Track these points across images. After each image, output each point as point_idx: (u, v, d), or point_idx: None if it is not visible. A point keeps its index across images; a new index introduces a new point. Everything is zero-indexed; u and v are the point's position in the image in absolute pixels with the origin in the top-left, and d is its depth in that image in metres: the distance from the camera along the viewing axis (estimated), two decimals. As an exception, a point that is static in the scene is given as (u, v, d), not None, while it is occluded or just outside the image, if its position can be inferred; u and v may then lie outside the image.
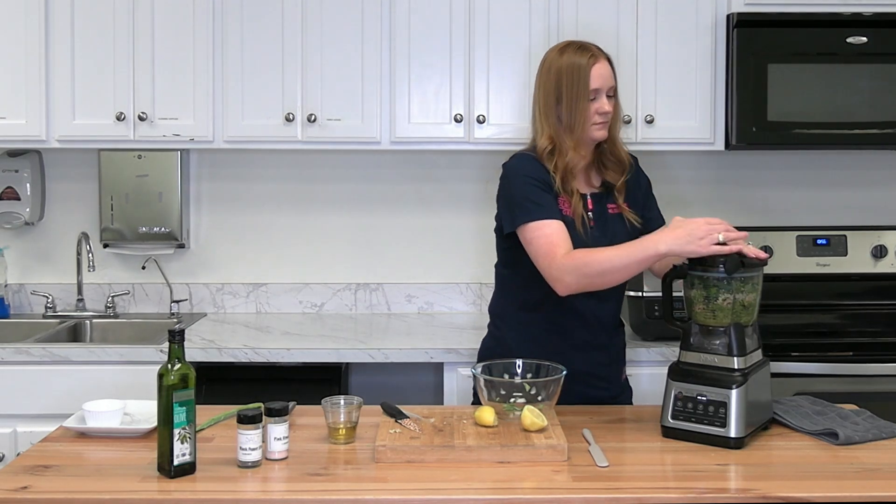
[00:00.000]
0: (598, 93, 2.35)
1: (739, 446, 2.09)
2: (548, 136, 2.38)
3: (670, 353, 2.95)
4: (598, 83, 2.35)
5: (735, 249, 2.12)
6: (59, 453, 2.07)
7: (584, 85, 2.34)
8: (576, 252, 2.25)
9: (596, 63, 2.35)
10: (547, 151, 2.37)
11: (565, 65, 2.36)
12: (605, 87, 2.36)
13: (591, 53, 2.36)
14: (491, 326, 2.58)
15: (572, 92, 2.34)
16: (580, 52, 2.37)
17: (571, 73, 2.35)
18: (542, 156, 2.37)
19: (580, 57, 2.35)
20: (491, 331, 2.57)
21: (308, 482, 1.90)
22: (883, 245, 3.49)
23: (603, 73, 2.36)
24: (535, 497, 1.87)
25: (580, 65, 2.34)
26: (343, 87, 3.29)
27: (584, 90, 2.34)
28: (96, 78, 3.28)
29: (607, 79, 2.37)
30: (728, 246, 2.11)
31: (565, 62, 2.36)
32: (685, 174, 3.64)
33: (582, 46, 2.39)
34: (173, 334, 1.95)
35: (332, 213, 3.66)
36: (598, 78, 2.35)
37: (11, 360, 3.00)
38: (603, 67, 2.37)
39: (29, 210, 3.54)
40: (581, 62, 2.34)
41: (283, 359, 3.03)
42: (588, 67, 2.34)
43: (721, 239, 2.11)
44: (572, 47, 2.39)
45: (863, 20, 3.22)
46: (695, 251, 2.12)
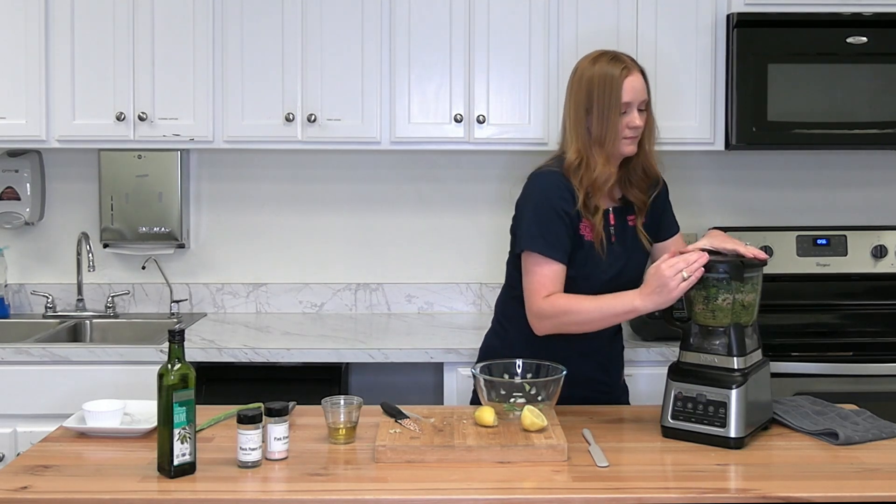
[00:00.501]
0: (629, 106, 2.29)
1: (739, 446, 2.09)
2: (576, 150, 2.33)
3: (670, 353, 2.95)
4: (629, 96, 2.28)
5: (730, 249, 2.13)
6: (59, 453, 2.07)
7: (615, 97, 2.27)
8: (557, 298, 2.26)
9: (629, 75, 2.28)
10: (574, 166, 2.32)
11: (597, 75, 2.30)
12: (637, 100, 2.30)
13: (624, 65, 2.30)
14: (495, 324, 2.56)
15: (603, 104, 2.28)
16: (613, 63, 2.30)
17: (603, 84, 2.29)
18: (569, 170, 2.32)
19: (613, 68, 2.29)
20: (495, 328, 2.56)
21: (308, 482, 1.90)
22: (883, 245, 3.49)
23: (636, 87, 2.29)
24: (535, 497, 1.87)
25: (612, 76, 2.28)
26: (343, 87, 3.29)
27: (615, 103, 2.28)
28: (96, 78, 3.29)
29: (640, 92, 2.30)
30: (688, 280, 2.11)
31: (597, 72, 2.30)
32: (685, 174, 3.64)
33: (615, 57, 2.32)
34: (173, 334, 1.95)
35: (332, 213, 3.66)
36: (630, 91, 2.28)
37: (11, 360, 3.00)
38: (636, 80, 2.30)
39: (29, 210, 3.54)
40: (614, 73, 2.28)
41: (283, 359, 3.03)
42: (621, 79, 2.28)
43: (685, 276, 2.10)
44: (605, 57, 2.32)
45: (863, 20, 3.22)
46: (665, 302, 2.14)
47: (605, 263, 2.33)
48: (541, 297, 2.27)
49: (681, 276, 2.10)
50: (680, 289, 2.11)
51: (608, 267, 2.33)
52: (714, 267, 2.15)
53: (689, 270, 2.10)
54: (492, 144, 3.30)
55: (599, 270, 2.32)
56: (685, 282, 2.10)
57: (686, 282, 2.10)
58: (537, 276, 2.29)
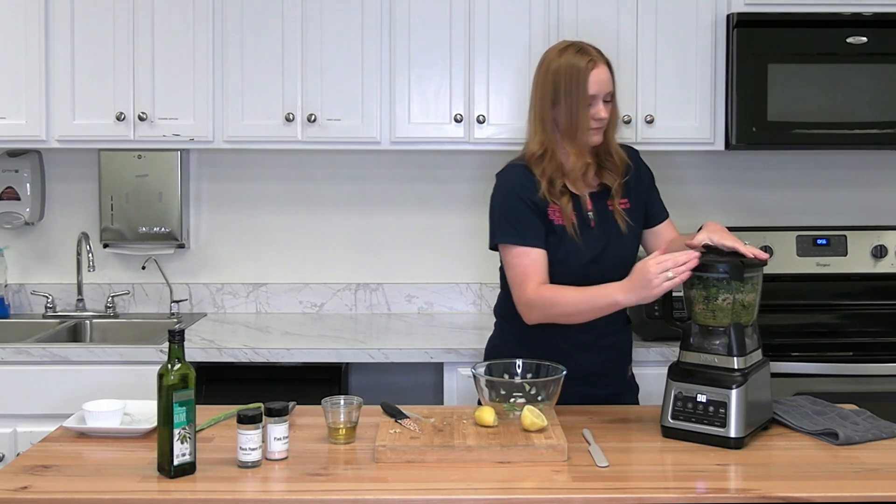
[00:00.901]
0: (595, 98, 2.32)
1: (739, 446, 2.09)
2: (539, 141, 2.37)
3: (670, 353, 2.95)
4: (595, 89, 2.31)
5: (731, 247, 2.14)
6: (59, 453, 2.07)
7: (582, 90, 2.31)
8: (545, 290, 2.28)
9: (595, 68, 2.31)
10: (537, 156, 2.36)
11: (564, 67, 2.33)
12: (603, 92, 2.33)
13: (590, 58, 2.32)
14: (496, 325, 2.58)
15: (570, 96, 2.31)
16: (579, 55, 2.33)
17: (570, 76, 2.31)
18: (531, 160, 2.36)
19: (579, 60, 2.32)
20: (496, 329, 2.58)
21: (308, 482, 1.90)
22: (883, 245, 3.49)
23: (601, 79, 2.32)
24: (535, 497, 1.87)
25: (579, 68, 2.31)
26: (343, 87, 3.29)
27: (582, 95, 2.31)
28: (96, 78, 3.28)
29: (605, 84, 2.34)
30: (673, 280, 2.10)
31: (564, 65, 2.33)
32: (685, 174, 3.64)
33: (581, 49, 2.35)
34: (173, 334, 1.95)
35: (332, 213, 3.66)
36: (596, 84, 2.31)
37: (11, 360, 3.00)
38: (602, 72, 2.33)
39: (29, 210, 3.54)
40: (580, 66, 2.31)
41: (283, 359, 3.03)
42: (587, 72, 2.31)
43: (671, 275, 2.10)
44: (572, 49, 2.35)
45: (863, 20, 3.22)
46: (647, 297, 2.14)
47: (583, 246, 2.35)
48: (527, 287, 2.29)
49: (666, 275, 2.10)
50: (662, 287, 2.11)
51: (586, 250, 2.35)
52: (714, 267, 2.15)
53: (675, 271, 2.10)
54: (492, 144, 3.30)
55: (577, 254, 2.34)
56: (669, 281, 2.10)
57: (670, 282, 2.10)
58: (518, 266, 2.32)
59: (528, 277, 2.30)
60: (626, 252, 2.42)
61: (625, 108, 3.29)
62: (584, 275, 2.33)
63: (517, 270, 2.33)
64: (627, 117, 3.27)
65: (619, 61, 3.27)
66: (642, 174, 2.50)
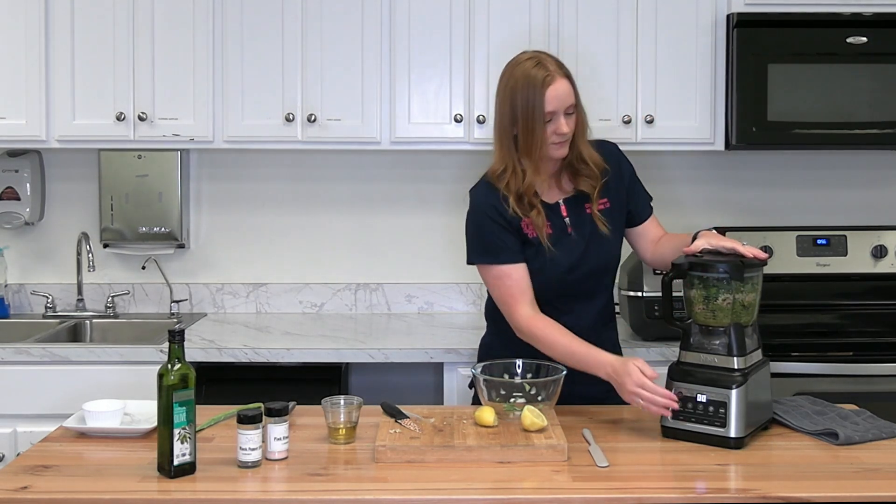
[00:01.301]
0: (554, 114, 2.27)
1: (739, 446, 2.09)
2: (500, 158, 2.35)
3: (670, 353, 2.95)
4: (553, 106, 2.26)
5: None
6: (59, 453, 2.07)
7: (538, 108, 2.25)
8: (535, 324, 2.30)
9: (552, 84, 2.25)
10: (498, 172, 2.35)
11: (520, 86, 2.27)
12: (563, 107, 2.27)
13: (546, 73, 2.26)
14: (488, 328, 2.59)
15: (527, 116, 2.27)
16: (536, 69, 2.26)
17: (526, 94, 2.26)
18: (494, 176, 2.36)
19: (535, 76, 2.26)
20: (490, 328, 2.59)
21: (308, 482, 1.90)
22: (883, 245, 3.49)
23: (559, 95, 2.26)
24: (535, 497, 1.87)
25: (534, 86, 2.25)
26: (343, 87, 3.29)
27: (539, 113, 2.26)
28: (96, 78, 3.29)
29: (564, 99, 2.27)
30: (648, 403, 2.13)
31: (520, 83, 2.27)
32: (685, 174, 3.64)
33: (539, 63, 2.28)
34: (173, 334, 1.95)
35: (332, 213, 3.66)
36: (553, 100, 2.26)
37: (11, 360, 3.00)
38: (559, 87, 2.26)
39: (29, 210, 3.54)
40: (535, 83, 2.25)
41: (283, 359, 3.03)
42: (543, 90, 2.25)
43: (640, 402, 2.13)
44: (529, 63, 2.29)
45: (863, 20, 3.22)
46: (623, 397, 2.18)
47: (560, 256, 2.35)
48: (516, 312, 2.33)
49: (637, 399, 2.14)
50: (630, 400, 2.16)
51: (563, 259, 2.35)
52: (714, 267, 2.15)
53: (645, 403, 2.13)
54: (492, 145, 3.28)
55: (553, 264, 2.35)
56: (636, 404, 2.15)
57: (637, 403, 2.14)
58: (499, 288, 2.35)
59: (513, 299, 2.33)
60: (607, 255, 2.42)
61: (625, 108, 3.30)
62: (562, 281, 2.37)
63: (500, 292, 2.36)
64: (627, 117, 3.28)
65: (619, 61, 3.29)
66: (623, 169, 2.46)
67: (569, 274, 2.37)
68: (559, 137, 2.30)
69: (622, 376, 2.16)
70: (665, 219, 3.47)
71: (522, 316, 2.32)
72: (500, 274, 2.34)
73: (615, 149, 2.49)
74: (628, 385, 2.14)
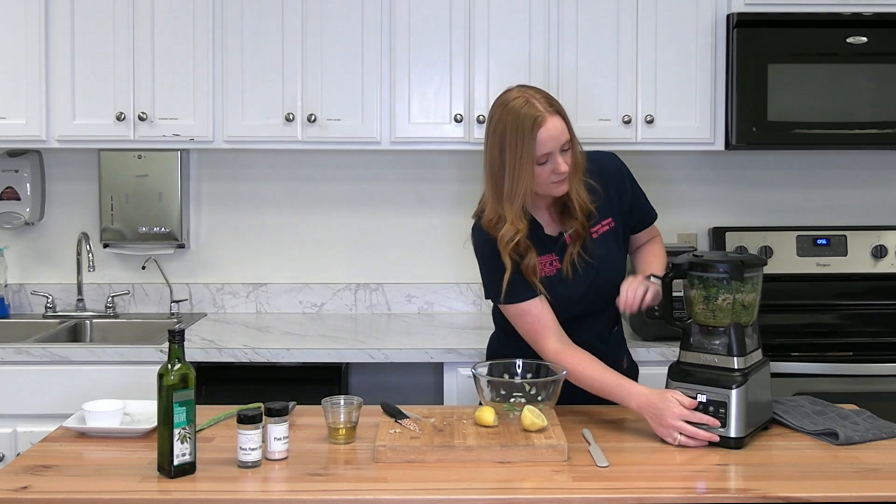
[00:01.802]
0: (550, 155, 2.19)
1: (739, 446, 2.09)
2: (493, 209, 2.26)
3: (670, 353, 2.95)
4: (549, 147, 2.17)
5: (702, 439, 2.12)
6: (59, 453, 2.07)
7: (528, 150, 2.16)
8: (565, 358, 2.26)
9: (543, 125, 2.16)
10: (493, 223, 2.27)
11: (510, 123, 2.18)
12: (558, 146, 2.19)
13: (537, 113, 2.16)
14: (496, 331, 2.58)
15: (515, 158, 2.17)
16: (527, 108, 2.17)
17: (515, 135, 2.17)
18: (489, 226, 2.28)
19: (525, 115, 2.16)
20: (496, 331, 2.57)
21: (308, 482, 1.90)
22: (883, 245, 3.49)
23: (553, 134, 2.17)
24: (535, 497, 1.87)
25: (525, 126, 2.16)
26: (343, 87, 3.29)
27: (528, 156, 2.17)
28: (96, 78, 3.29)
29: (558, 138, 2.18)
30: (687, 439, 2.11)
31: (510, 120, 2.18)
32: (685, 174, 3.64)
33: (528, 102, 2.18)
34: (173, 334, 1.95)
35: (332, 213, 3.66)
36: (548, 141, 2.17)
37: (11, 360, 3.00)
38: (552, 127, 2.17)
39: (29, 210, 3.54)
40: (526, 122, 2.16)
41: (283, 359, 3.03)
42: (534, 131, 2.15)
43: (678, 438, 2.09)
44: (520, 101, 2.19)
45: (863, 20, 3.22)
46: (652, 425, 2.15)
47: (572, 285, 2.33)
48: (544, 345, 2.29)
49: (676, 434, 2.10)
50: (668, 437, 2.11)
51: (575, 288, 2.33)
52: (714, 267, 2.15)
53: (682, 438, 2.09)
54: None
55: (565, 293, 2.33)
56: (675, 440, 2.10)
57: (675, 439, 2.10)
58: (523, 325, 2.33)
59: (538, 335, 2.30)
60: (618, 273, 2.40)
61: (625, 108, 3.30)
62: (577, 305, 2.35)
63: (525, 329, 2.33)
64: (627, 117, 3.28)
65: (618, 61, 3.29)
66: (623, 187, 2.41)
67: (582, 299, 2.35)
68: (558, 176, 2.23)
69: (660, 410, 2.11)
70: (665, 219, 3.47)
71: (550, 350, 2.28)
72: (520, 311, 2.31)
73: (615, 163, 2.43)
74: (668, 418, 2.10)
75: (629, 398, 2.18)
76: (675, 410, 2.10)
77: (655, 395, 2.15)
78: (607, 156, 2.44)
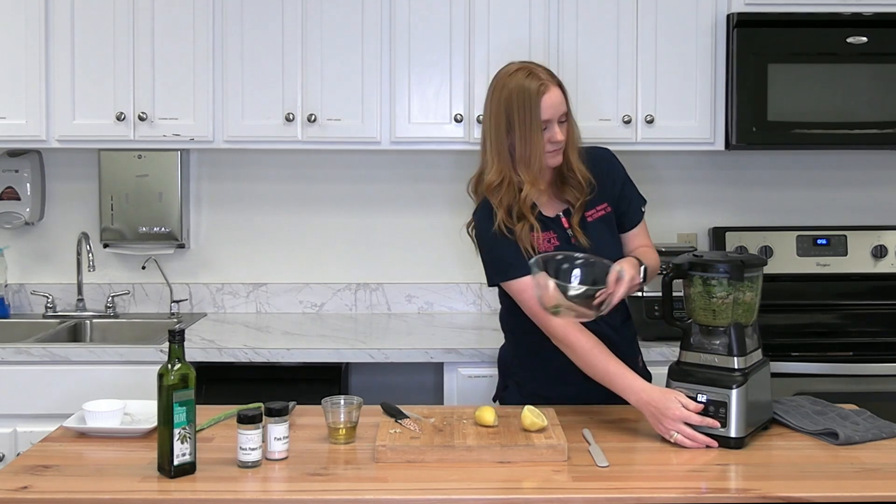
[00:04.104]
0: (549, 123, 2.27)
1: (739, 446, 2.09)
2: (498, 171, 2.30)
3: (670, 353, 2.95)
4: (548, 114, 2.26)
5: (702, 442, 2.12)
6: (59, 453, 2.07)
7: (535, 115, 2.25)
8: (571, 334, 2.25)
9: (546, 92, 2.25)
10: (494, 185, 2.31)
11: (515, 94, 2.26)
12: (557, 115, 2.27)
13: (540, 82, 2.26)
14: (506, 339, 2.57)
15: (524, 124, 2.25)
16: (529, 80, 2.26)
17: (521, 102, 2.25)
18: (489, 190, 2.32)
19: (529, 84, 2.26)
20: (507, 343, 2.57)
21: (308, 482, 1.90)
22: (883, 245, 3.49)
23: (554, 103, 2.26)
24: (535, 497, 1.87)
25: (529, 94, 2.25)
26: (343, 87, 3.29)
27: (535, 122, 2.25)
28: (96, 78, 3.29)
29: (558, 107, 2.28)
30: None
31: (515, 91, 2.26)
32: (685, 174, 3.64)
33: (531, 73, 2.28)
34: (173, 334, 1.95)
35: (332, 213, 3.66)
36: (548, 108, 2.26)
37: (11, 360, 3.00)
38: (553, 96, 2.27)
39: (29, 210, 3.54)
40: (531, 91, 2.25)
41: (283, 359, 3.03)
42: (538, 98, 2.25)
43: (675, 439, 2.09)
44: (521, 73, 2.29)
45: (863, 20, 3.22)
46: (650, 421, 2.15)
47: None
48: (546, 318, 2.27)
49: (673, 433, 2.10)
50: (666, 434, 2.11)
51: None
52: (714, 267, 2.15)
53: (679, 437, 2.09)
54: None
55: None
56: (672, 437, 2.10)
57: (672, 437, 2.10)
58: (525, 301, 2.31)
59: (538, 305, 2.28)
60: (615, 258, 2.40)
61: (625, 108, 3.30)
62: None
63: (529, 305, 2.31)
64: (627, 117, 3.28)
65: (619, 61, 3.29)
66: (616, 174, 2.46)
67: None
68: (553, 146, 2.29)
69: (661, 409, 2.11)
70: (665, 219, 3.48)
71: (557, 325, 2.26)
72: (523, 287, 2.30)
73: (607, 153, 2.48)
74: (668, 419, 2.10)
75: (629, 391, 2.18)
76: (676, 412, 2.10)
77: (657, 392, 2.15)
78: (598, 147, 2.49)
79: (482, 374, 3.00)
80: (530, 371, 2.44)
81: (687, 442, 2.09)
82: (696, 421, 2.10)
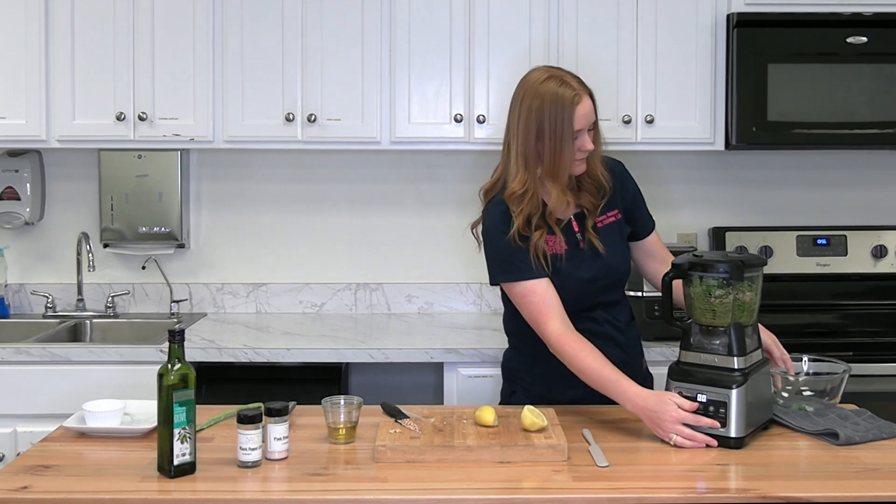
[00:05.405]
0: (580, 133, 2.26)
1: (739, 446, 2.09)
2: (521, 181, 2.28)
3: (670, 353, 2.95)
4: (581, 123, 2.24)
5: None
6: (59, 453, 2.07)
7: (568, 126, 2.22)
8: (565, 342, 2.24)
9: (580, 102, 2.24)
10: (517, 195, 2.29)
11: (548, 103, 2.24)
12: (588, 125, 2.27)
13: (574, 92, 2.24)
14: (510, 343, 2.56)
15: (556, 132, 2.23)
16: (563, 88, 2.24)
17: (555, 111, 2.23)
18: (511, 199, 2.30)
19: (563, 94, 2.23)
20: (511, 347, 2.56)
21: (308, 482, 1.90)
22: (883, 245, 3.49)
23: (587, 112, 2.25)
24: (535, 497, 1.87)
25: (563, 104, 2.23)
26: (343, 87, 3.29)
27: (568, 132, 2.23)
28: (96, 78, 3.29)
29: (590, 116, 2.27)
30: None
31: (548, 100, 2.24)
32: (685, 174, 3.64)
33: (563, 81, 2.26)
34: (173, 334, 1.95)
35: (332, 213, 3.66)
36: (581, 118, 2.24)
37: (11, 360, 3.00)
38: (586, 106, 2.25)
39: (29, 210, 3.54)
40: (564, 101, 2.23)
41: (283, 359, 3.03)
42: (573, 106, 2.23)
43: (675, 441, 2.09)
44: (553, 81, 2.26)
45: (863, 20, 3.22)
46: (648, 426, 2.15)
47: (577, 270, 2.33)
48: (546, 326, 2.27)
49: (672, 436, 2.10)
50: (665, 437, 2.11)
51: (581, 272, 2.34)
52: (714, 267, 2.15)
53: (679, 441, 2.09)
54: (492, 144, 3.29)
55: (573, 278, 2.33)
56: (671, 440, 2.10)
57: (672, 439, 2.10)
58: (528, 305, 2.31)
59: (542, 315, 2.28)
60: (623, 263, 2.42)
61: (625, 107, 3.30)
62: (583, 293, 2.35)
63: (529, 309, 2.31)
64: (627, 117, 3.28)
65: (619, 61, 3.29)
66: (627, 185, 2.46)
67: (588, 286, 2.35)
68: (582, 154, 2.29)
69: (657, 414, 2.11)
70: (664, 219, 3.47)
71: (553, 332, 2.26)
72: (525, 291, 2.30)
73: (622, 167, 2.48)
74: (666, 423, 2.09)
75: (624, 399, 2.17)
76: (672, 415, 2.10)
77: (652, 397, 2.14)
78: (612, 160, 2.48)
79: (482, 374, 3.00)
80: (537, 375, 2.43)
81: (686, 443, 2.09)
82: (693, 421, 2.10)
